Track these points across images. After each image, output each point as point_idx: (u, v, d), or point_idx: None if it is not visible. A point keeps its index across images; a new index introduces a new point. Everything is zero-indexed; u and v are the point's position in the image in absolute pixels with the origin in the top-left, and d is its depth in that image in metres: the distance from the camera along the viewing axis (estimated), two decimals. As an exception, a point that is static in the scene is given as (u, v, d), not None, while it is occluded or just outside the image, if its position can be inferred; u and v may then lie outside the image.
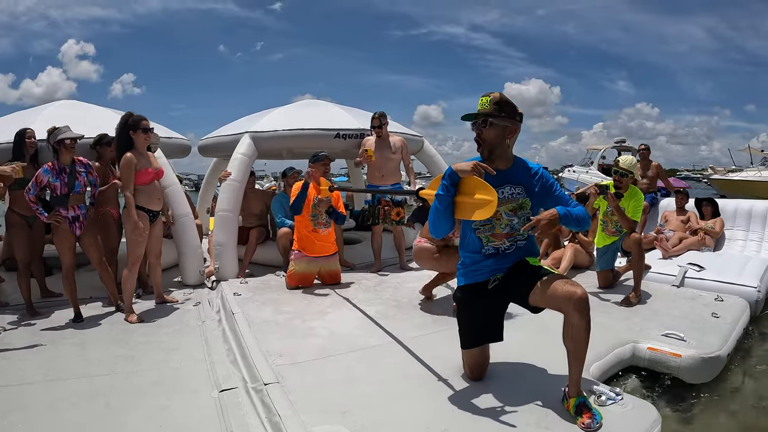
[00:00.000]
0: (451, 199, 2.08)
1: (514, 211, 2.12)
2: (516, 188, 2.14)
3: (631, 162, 3.95)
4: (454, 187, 2.07)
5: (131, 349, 2.95)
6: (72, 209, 3.53)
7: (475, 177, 2.00)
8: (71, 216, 3.53)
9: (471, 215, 2.04)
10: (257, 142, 5.07)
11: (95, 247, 3.66)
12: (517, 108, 2.11)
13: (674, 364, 2.74)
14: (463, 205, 2.05)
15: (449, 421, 1.96)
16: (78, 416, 2.14)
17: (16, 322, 3.52)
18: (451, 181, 2.06)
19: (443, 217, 2.09)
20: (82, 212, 3.58)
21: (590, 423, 1.88)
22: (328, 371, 2.49)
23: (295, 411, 2.01)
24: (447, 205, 2.08)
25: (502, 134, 2.09)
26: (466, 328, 2.26)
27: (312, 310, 3.56)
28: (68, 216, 3.52)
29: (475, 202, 1.99)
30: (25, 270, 3.74)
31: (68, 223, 3.51)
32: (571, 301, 1.89)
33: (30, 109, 5.12)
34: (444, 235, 2.18)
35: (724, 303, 3.65)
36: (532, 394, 2.14)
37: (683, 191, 6.05)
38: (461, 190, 2.06)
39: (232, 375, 2.50)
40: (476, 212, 2.00)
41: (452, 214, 2.10)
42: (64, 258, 3.57)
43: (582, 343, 1.94)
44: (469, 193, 2.02)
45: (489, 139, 2.09)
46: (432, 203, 2.14)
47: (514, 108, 2.09)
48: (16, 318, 3.60)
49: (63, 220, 3.49)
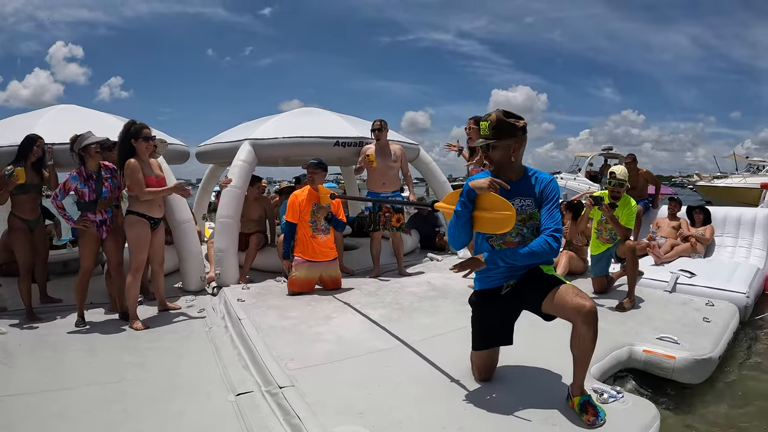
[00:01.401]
0: (469, 214, 2.19)
1: (523, 221, 2.21)
2: (526, 200, 2.22)
3: (625, 172, 4.10)
4: (472, 203, 2.18)
5: (140, 356, 2.97)
6: (100, 213, 3.62)
7: (491, 193, 2.11)
8: (99, 220, 3.62)
9: (491, 229, 2.17)
10: (257, 150, 5.13)
11: (117, 250, 3.75)
12: (516, 124, 2.17)
13: (669, 365, 2.85)
14: (482, 219, 2.17)
15: (464, 420, 2.05)
16: (93, 424, 2.14)
17: (17, 326, 3.53)
18: (469, 198, 2.17)
19: (463, 231, 2.22)
20: (109, 216, 3.67)
21: (594, 420, 1.98)
22: (340, 374, 2.56)
23: (314, 413, 2.07)
24: (466, 221, 2.20)
25: (506, 153, 2.19)
26: (478, 331, 2.36)
27: (317, 316, 3.62)
28: (96, 220, 3.60)
29: (494, 217, 2.11)
30: (27, 274, 3.77)
31: (96, 227, 3.60)
32: (581, 313, 1.99)
33: (31, 113, 5.13)
34: (463, 247, 2.30)
35: (715, 308, 3.78)
36: (538, 393, 2.24)
37: (676, 199, 6.22)
38: (479, 206, 2.17)
39: (245, 379, 2.55)
40: (494, 225, 2.14)
41: (471, 228, 2.22)
42: (85, 261, 3.64)
43: (588, 352, 2.05)
44: (487, 208, 2.14)
45: (495, 159, 2.21)
46: (450, 218, 2.26)
47: (512, 126, 2.16)
48: (17, 323, 3.59)
49: (91, 225, 3.57)
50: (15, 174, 3.56)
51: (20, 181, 3.60)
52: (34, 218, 3.86)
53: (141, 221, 3.58)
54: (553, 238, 2.14)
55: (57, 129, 4.13)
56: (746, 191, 17.41)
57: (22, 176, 3.60)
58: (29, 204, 3.81)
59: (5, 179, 3.57)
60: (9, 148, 3.86)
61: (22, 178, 3.60)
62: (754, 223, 5.66)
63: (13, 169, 3.57)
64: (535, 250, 2.14)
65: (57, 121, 4.51)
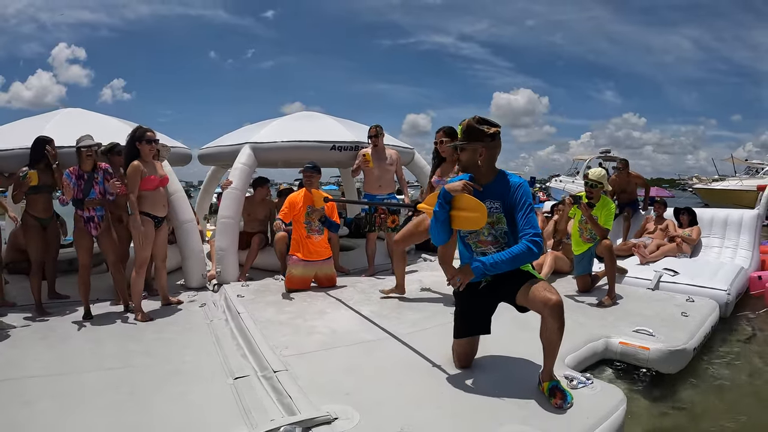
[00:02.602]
0: (447, 213, 2.40)
1: (492, 224, 2.38)
2: (495, 203, 2.37)
3: (600, 174, 4.29)
4: (448, 204, 2.39)
5: (145, 345, 3.15)
6: (87, 210, 3.80)
7: (465, 194, 2.32)
8: (86, 216, 3.79)
9: (466, 226, 2.38)
10: (257, 153, 5.32)
11: (112, 248, 3.92)
12: (486, 131, 2.32)
13: (643, 356, 3.04)
14: (458, 218, 2.39)
15: (441, 400, 2.24)
16: (106, 402, 2.33)
17: (29, 319, 3.71)
18: (446, 199, 2.38)
19: (442, 229, 2.43)
20: (97, 214, 3.84)
21: (561, 403, 2.15)
22: (331, 361, 2.75)
23: (304, 393, 2.26)
24: (444, 219, 2.41)
25: (473, 156, 2.36)
26: (459, 321, 2.55)
27: (312, 311, 3.80)
28: (83, 216, 3.78)
29: (468, 216, 2.33)
30: (38, 270, 3.95)
31: (83, 222, 3.78)
32: (547, 306, 2.17)
33: (41, 115, 5.27)
34: (443, 243, 2.51)
35: (695, 304, 3.95)
36: (512, 380, 2.42)
37: (660, 200, 6.40)
38: (455, 206, 2.38)
39: (243, 366, 2.73)
40: (468, 223, 2.35)
41: (449, 226, 2.42)
42: (80, 257, 3.83)
43: (555, 342, 2.22)
44: (462, 207, 2.35)
45: (463, 160, 2.41)
46: (431, 218, 2.46)
47: (481, 132, 2.33)
48: (29, 316, 3.78)
49: (78, 219, 3.77)
50: (28, 176, 3.74)
51: (33, 182, 3.78)
52: (47, 217, 4.03)
53: (145, 219, 3.79)
54: (534, 243, 2.24)
55: (65, 132, 4.25)
56: (743, 194, 17.57)
57: (35, 178, 3.78)
58: (42, 203, 3.98)
59: (20, 181, 3.76)
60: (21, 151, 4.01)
61: (34, 180, 3.79)
62: (740, 225, 5.81)
63: (27, 171, 3.76)
64: (517, 254, 2.26)
65: (65, 124, 4.67)
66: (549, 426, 2.00)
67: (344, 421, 2.01)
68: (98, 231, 3.84)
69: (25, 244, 4.09)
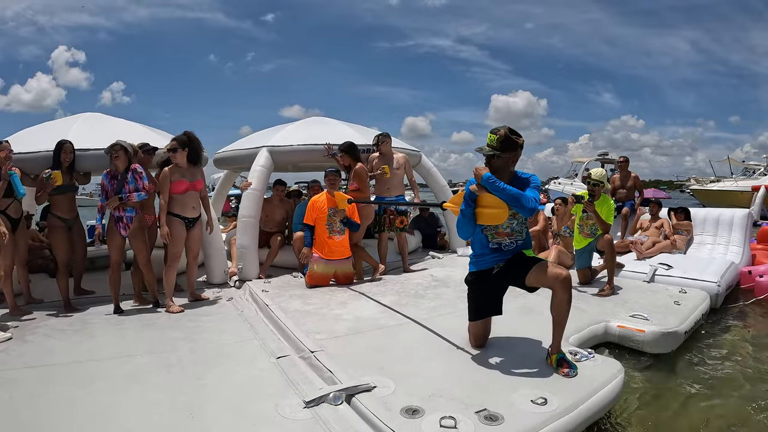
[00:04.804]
0: (472, 211, 2.70)
1: (513, 215, 2.70)
2: None
3: (602, 173, 4.63)
4: (473, 202, 2.69)
5: (184, 332, 3.39)
6: (117, 210, 3.99)
7: (488, 193, 2.62)
8: (116, 216, 4.00)
9: (489, 221, 2.69)
10: (274, 156, 5.62)
11: (143, 248, 4.12)
12: (517, 141, 2.66)
13: (639, 338, 3.36)
14: (482, 214, 2.70)
15: (462, 372, 2.56)
16: (160, 381, 2.55)
17: (60, 314, 3.86)
18: (471, 199, 2.69)
19: (468, 224, 2.73)
20: (126, 215, 4.00)
21: (568, 371, 2.48)
22: (361, 343, 3.06)
23: (343, 368, 2.57)
24: (470, 216, 2.71)
25: (506, 163, 2.69)
26: (473, 304, 2.87)
27: (335, 302, 4.09)
28: (114, 215, 4.01)
29: (491, 212, 2.64)
30: (64, 269, 4.09)
31: (114, 221, 4.00)
32: (558, 279, 2.51)
33: (62, 119, 5.47)
34: (469, 237, 2.81)
35: (687, 294, 4.27)
36: (523, 355, 2.75)
37: (655, 200, 6.74)
38: (479, 204, 2.69)
39: (282, 347, 3.04)
40: (491, 218, 2.67)
41: (474, 221, 2.72)
42: (112, 255, 4.04)
43: (564, 312, 2.55)
44: (486, 205, 2.66)
45: (496, 166, 2.68)
46: (458, 215, 2.77)
47: (514, 142, 2.66)
48: (58, 312, 3.92)
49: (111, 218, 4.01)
50: (52, 177, 3.91)
51: (57, 183, 3.95)
52: (72, 217, 4.18)
53: (175, 219, 4.07)
54: (534, 199, 2.56)
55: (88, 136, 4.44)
56: (738, 194, 17.91)
57: (59, 179, 3.95)
58: (67, 204, 4.15)
59: (44, 182, 3.94)
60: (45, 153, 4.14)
61: (59, 180, 3.95)
62: (732, 223, 6.13)
63: (51, 172, 3.94)
64: (520, 195, 2.54)
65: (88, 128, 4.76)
66: (558, 389, 2.30)
67: (383, 388, 2.31)
68: (127, 231, 4.00)
69: (51, 245, 4.24)
